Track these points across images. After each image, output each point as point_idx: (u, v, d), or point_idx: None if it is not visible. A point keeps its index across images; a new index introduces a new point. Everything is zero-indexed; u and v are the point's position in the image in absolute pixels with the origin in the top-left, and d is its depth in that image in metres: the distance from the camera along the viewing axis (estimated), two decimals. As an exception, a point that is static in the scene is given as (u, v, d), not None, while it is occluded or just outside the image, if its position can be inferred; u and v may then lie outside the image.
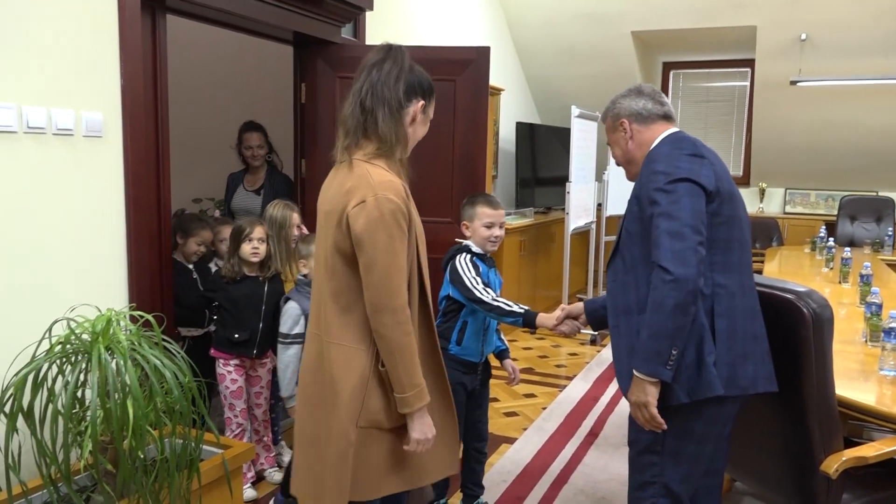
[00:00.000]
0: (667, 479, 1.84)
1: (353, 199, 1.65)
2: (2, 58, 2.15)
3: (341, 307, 1.71)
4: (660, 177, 1.76)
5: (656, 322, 1.69)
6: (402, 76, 1.75)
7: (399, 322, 1.64)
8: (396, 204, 1.65)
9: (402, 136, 1.76)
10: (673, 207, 1.70)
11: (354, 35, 4.05)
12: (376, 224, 1.62)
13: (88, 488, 2.14)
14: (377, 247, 1.62)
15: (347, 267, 1.69)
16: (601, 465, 3.32)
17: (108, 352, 1.96)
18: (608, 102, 2.07)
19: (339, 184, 1.72)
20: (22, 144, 2.22)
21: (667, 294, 1.67)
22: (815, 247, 5.49)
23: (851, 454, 1.96)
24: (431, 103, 1.84)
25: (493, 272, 2.66)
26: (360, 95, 1.74)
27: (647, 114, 1.97)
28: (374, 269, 1.63)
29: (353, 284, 1.69)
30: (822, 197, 7.07)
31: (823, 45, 5.90)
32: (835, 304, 2.72)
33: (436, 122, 3.61)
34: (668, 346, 1.69)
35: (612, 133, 2.04)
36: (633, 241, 1.84)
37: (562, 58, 6.84)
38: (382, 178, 1.67)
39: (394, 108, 1.72)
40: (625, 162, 2.04)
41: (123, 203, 2.58)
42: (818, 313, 1.90)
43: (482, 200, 2.61)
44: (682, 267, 1.66)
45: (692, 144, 1.83)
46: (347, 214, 1.65)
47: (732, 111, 7.36)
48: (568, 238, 5.76)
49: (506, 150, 6.49)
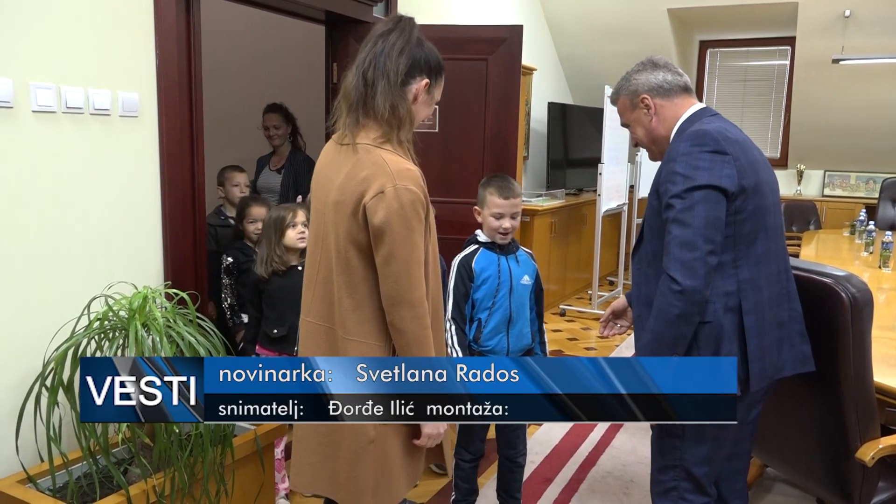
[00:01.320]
0: (688, 462, 1.82)
1: (371, 189, 1.56)
2: (41, 38, 2.18)
3: (357, 302, 1.63)
4: (678, 179, 1.68)
5: (658, 329, 1.68)
6: (406, 49, 1.63)
7: (417, 316, 1.59)
8: (416, 194, 1.57)
9: (405, 112, 1.64)
10: (686, 215, 1.65)
11: (386, 14, 4.03)
12: (396, 216, 1.55)
13: (126, 461, 2.20)
14: (396, 239, 1.55)
15: (363, 260, 1.61)
16: (629, 447, 3.31)
17: (145, 328, 2.00)
18: (620, 81, 1.95)
19: (350, 171, 1.62)
20: (61, 124, 2.26)
21: (672, 303, 1.65)
22: (855, 230, 5.36)
23: (889, 442, 1.93)
24: (438, 84, 1.72)
25: (513, 261, 2.41)
26: (363, 66, 1.63)
27: (668, 86, 1.86)
28: (394, 261, 1.56)
29: (370, 277, 1.62)
30: (863, 179, 6.88)
31: (868, 21, 5.71)
32: (874, 289, 2.66)
33: (467, 102, 3.63)
34: (668, 353, 1.68)
35: (631, 112, 1.92)
36: (654, 235, 1.80)
37: (595, 36, 6.73)
38: (400, 167, 1.59)
39: (395, 83, 1.61)
40: (649, 142, 1.92)
41: (159, 182, 2.61)
42: (857, 298, 1.86)
43: (494, 185, 2.37)
44: (691, 278, 1.63)
45: (714, 140, 1.70)
46: (365, 205, 1.56)
47: (771, 91, 7.18)
48: (599, 220, 5.70)
49: (537, 131, 6.43)
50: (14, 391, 2.12)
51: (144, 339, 1.97)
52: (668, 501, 1.85)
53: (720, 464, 1.87)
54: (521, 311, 2.40)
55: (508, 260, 2.40)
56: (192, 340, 2.03)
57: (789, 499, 2.86)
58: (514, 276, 2.38)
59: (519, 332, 2.40)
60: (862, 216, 5.40)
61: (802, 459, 2.18)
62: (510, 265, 2.39)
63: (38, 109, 2.18)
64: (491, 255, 2.38)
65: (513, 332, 2.39)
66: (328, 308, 1.68)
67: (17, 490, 2.03)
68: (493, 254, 2.38)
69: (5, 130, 2.11)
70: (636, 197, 6.33)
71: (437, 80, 1.71)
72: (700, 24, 6.90)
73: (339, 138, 1.69)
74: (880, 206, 6.01)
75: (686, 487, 1.83)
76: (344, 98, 1.68)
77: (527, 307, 2.43)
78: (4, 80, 2.09)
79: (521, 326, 2.41)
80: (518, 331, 2.40)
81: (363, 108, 1.63)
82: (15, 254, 2.16)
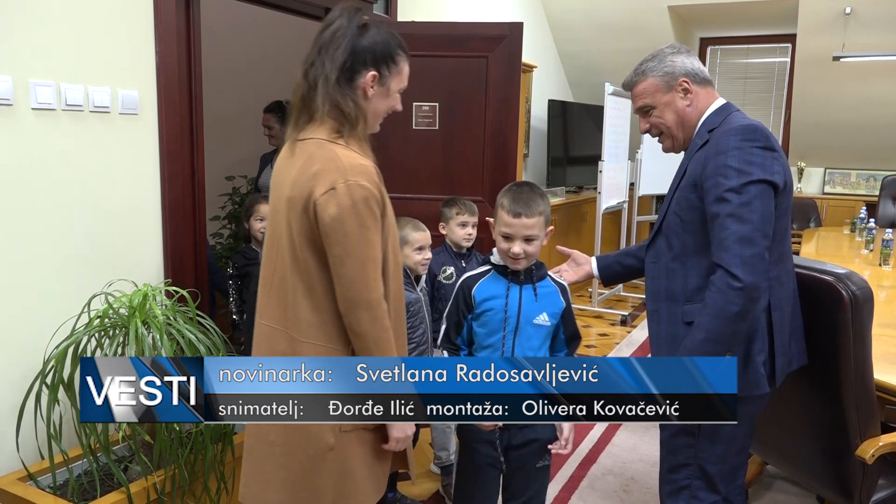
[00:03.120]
0: (702, 460, 1.81)
1: (321, 185, 1.47)
2: (41, 36, 2.18)
3: (314, 304, 1.54)
4: (731, 173, 1.64)
5: (715, 327, 1.63)
6: (345, 43, 1.52)
7: (376, 318, 1.51)
8: (369, 190, 1.48)
9: (353, 110, 1.54)
10: (744, 210, 1.62)
11: (386, 11, 4.02)
12: (349, 213, 1.46)
13: (126, 458, 2.21)
14: (350, 237, 1.47)
15: (318, 260, 1.52)
16: (630, 445, 3.31)
17: (145, 326, 2.00)
18: (647, 61, 1.83)
19: (303, 166, 1.52)
20: (61, 122, 2.26)
21: (732, 300, 1.61)
22: (855, 228, 5.36)
23: (889, 440, 1.93)
24: (394, 74, 1.59)
25: (529, 292, 1.87)
26: (306, 65, 1.56)
27: (702, 75, 1.82)
28: (348, 261, 1.47)
29: (326, 278, 1.52)
30: (864, 177, 6.88)
31: (869, 18, 5.70)
32: (875, 287, 2.66)
33: (467, 100, 3.63)
34: (723, 351, 1.64)
35: (664, 94, 1.80)
36: (687, 229, 1.77)
37: (596, 33, 6.72)
38: (353, 162, 1.50)
39: (333, 81, 1.52)
40: (677, 128, 1.83)
41: (159, 180, 2.61)
42: (857, 296, 1.86)
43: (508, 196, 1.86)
44: (752, 275, 1.60)
45: (765, 136, 1.68)
46: (315, 202, 1.47)
47: (771, 88, 7.17)
48: (600, 218, 5.70)
49: (537, 129, 6.43)
50: (15, 389, 2.12)
51: (144, 336, 1.97)
52: (680, 500, 1.85)
53: (731, 459, 1.87)
54: None
55: (523, 290, 1.87)
56: (193, 338, 2.03)
57: (790, 496, 2.86)
58: (523, 313, 1.86)
59: (526, 347, 1.87)
60: (862, 214, 5.40)
61: (803, 457, 2.18)
62: (523, 297, 1.87)
63: (37, 107, 2.18)
64: (501, 281, 1.88)
65: (520, 346, 1.87)
66: (283, 310, 1.58)
67: (18, 487, 2.03)
68: (503, 280, 1.88)
69: (5, 128, 2.11)
70: (636, 194, 6.33)
71: (390, 69, 1.58)
72: (700, 21, 6.89)
73: (294, 134, 1.61)
74: (881, 203, 6.01)
75: (698, 486, 1.82)
76: (293, 97, 1.60)
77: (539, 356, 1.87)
78: (4, 77, 2.09)
79: (535, 342, 1.88)
80: (524, 345, 1.87)
81: (308, 109, 1.56)
82: (15, 252, 2.16)
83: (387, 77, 1.58)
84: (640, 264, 2.10)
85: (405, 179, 3.63)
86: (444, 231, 2.80)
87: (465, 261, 2.78)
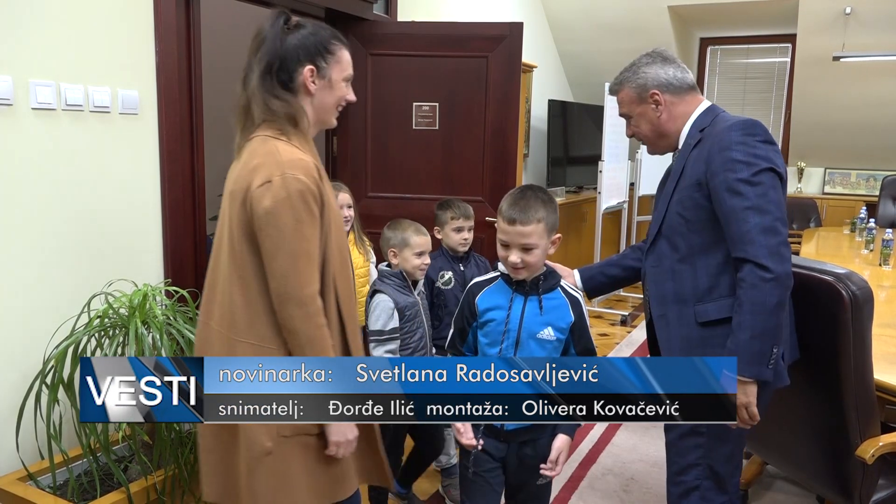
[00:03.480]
0: (712, 460, 1.81)
1: (258, 177, 1.46)
2: (41, 36, 2.18)
3: (249, 300, 1.51)
4: (741, 167, 1.65)
5: (760, 323, 1.62)
6: (267, 46, 1.55)
7: (309, 314, 1.47)
8: (306, 184, 1.47)
9: (290, 108, 1.54)
10: (762, 201, 1.63)
11: (386, 11, 4.02)
12: (283, 205, 1.44)
13: (126, 458, 2.21)
14: (283, 230, 1.45)
15: (253, 254, 1.50)
16: (630, 445, 3.31)
17: (145, 326, 2.00)
18: (625, 71, 1.88)
19: (245, 161, 1.53)
20: (61, 122, 2.26)
21: (769, 292, 1.60)
22: (855, 228, 5.36)
23: (889, 440, 1.92)
24: (334, 64, 1.58)
25: (534, 304, 1.75)
26: (244, 72, 1.58)
27: (678, 83, 1.83)
28: (280, 254, 1.45)
29: (260, 273, 1.50)
30: (864, 177, 6.88)
31: (869, 18, 5.70)
32: (875, 287, 2.66)
33: (467, 100, 3.63)
34: (770, 345, 1.64)
35: (637, 106, 1.85)
36: (692, 229, 1.76)
37: (596, 33, 6.71)
38: (292, 156, 1.49)
39: (265, 85, 1.54)
40: (654, 137, 1.88)
41: (159, 180, 2.61)
42: (857, 296, 1.85)
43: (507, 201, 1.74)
44: (781, 263, 1.60)
45: (763, 130, 1.71)
46: (251, 195, 1.47)
47: (771, 88, 7.17)
48: (600, 218, 5.70)
49: (537, 129, 6.42)
50: (14, 389, 2.12)
51: (144, 336, 1.97)
52: (691, 502, 1.84)
53: (737, 460, 1.87)
54: None
55: (528, 302, 1.75)
56: (192, 338, 2.03)
57: (789, 496, 2.86)
58: (525, 326, 1.74)
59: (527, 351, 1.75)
60: (862, 214, 5.40)
61: (802, 457, 2.18)
62: (526, 309, 1.75)
63: (37, 107, 2.18)
64: (506, 290, 1.77)
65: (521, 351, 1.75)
66: (219, 307, 1.55)
67: (18, 487, 2.03)
68: (508, 289, 1.77)
69: (5, 128, 2.11)
70: (636, 194, 6.33)
71: (327, 59, 1.57)
72: (701, 22, 6.89)
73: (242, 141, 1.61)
74: (881, 203, 6.01)
75: (708, 486, 1.82)
76: (235, 107, 1.61)
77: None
78: (4, 77, 2.09)
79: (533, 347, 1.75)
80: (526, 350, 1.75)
81: (250, 118, 1.57)
82: (15, 251, 2.16)
83: (325, 68, 1.57)
84: (625, 273, 2.10)
85: (405, 179, 3.63)
86: (440, 236, 2.74)
87: (463, 264, 2.74)
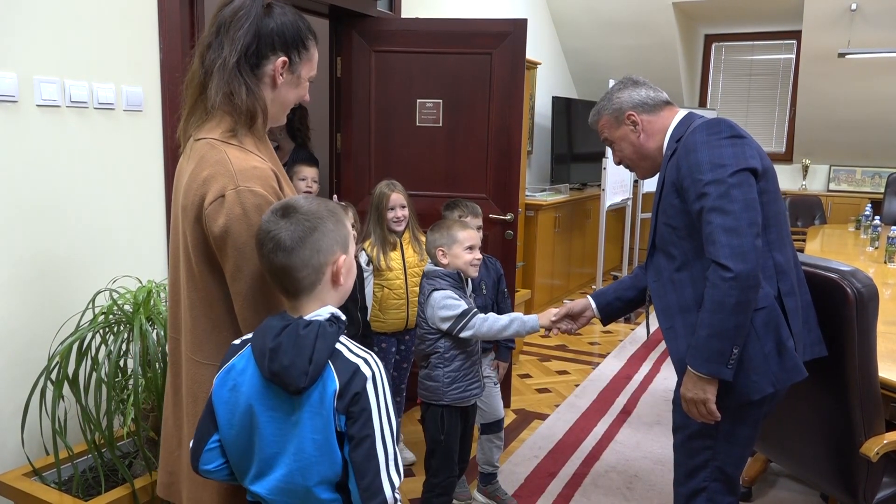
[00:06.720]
0: (721, 462, 1.80)
1: (210, 192, 1.29)
2: (45, 32, 2.18)
3: (215, 323, 1.36)
4: (704, 168, 1.66)
5: (717, 321, 1.63)
6: (247, 24, 1.33)
7: None
8: (262, 196, 1.29)
9: (252, 101, 1.35)
10: (724, 202, 1.63)
11: (390, 8, 4.02)
12: (238, 223, 1.27)
13: (131, 454, 2.21)
14: (243, 251, 1.28)
15: (214, 274, 1.34)
16: (633, 442, 3.31)
17: (149, 322, 2.01)
18: (601, 101, 1.97)
19: (194, 171, 1.33)
20: (65, 118, 2.26)
21: (727, 292, 1.61)
22: (860, 225, 5.34)
23: (893, 437, 1.92)
24: (305, 60, 1.42)
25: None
26: (202, 47, 1.36)
27: (652, 102, 1.88)
28: (241, 277, 1.29)
29: (224, 294, 1.34)
30: (869, 174, 6.85)
31: (874, 15, 5.68)
32: (879, 285, 2.65)
33: (471, 97, 3.62)
34: (730, 345, 1.64)
35: (616, 130, 1.92)
36: (681, 235, 1.77)
37: (600, 30, 6.70)
38: (245, 165, 1.30)
39: (233, 67, 1.33)
40: (637, 158, 1.92)
41: (163, 176, 2.61)
42: (862, 293, 1.85)
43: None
44: (742, 263, 1.60)
45: (729, 126, 1.72)
46: (205, 213, 1.29)
47: (776, 85, 7.15)
48: (604, 215, 5.69)
49: (541, 125, 6.42)
50: (20, 385, 2.13)
51: (149, 332, 1.98)
52: (698, 503, 1.84)
53: (745, 462, 1.87)
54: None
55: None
56: (197, 334, 2.03)
57: (793, 494, 2.86)
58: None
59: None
60: (867, 211, 5.38)
61: (807, 454, 2.18)
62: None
63: (42, 103, 2.18)
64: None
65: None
66: (184, 327, 1.43)
67: (23, 483, 2.03)
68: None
69: (9, 124, 2.11)
70: (640, 191, 6.32)
71: (302, 54, 1.41)
72: (705, 18, 6.87)
73: (189, 130, 1.42)
74: (886, 200, 5.99)
75: (716, 488, 1.82)
76: (188, 85, 1.39)
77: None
78: (9, 73, 2.09)
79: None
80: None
81: (203, 101, 1.37)
82: (19, 248, 2.16)
83: (297, 64, 1.41)
84: (641, 296, 2.13)
85: (409, 176, 3.62)
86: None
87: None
